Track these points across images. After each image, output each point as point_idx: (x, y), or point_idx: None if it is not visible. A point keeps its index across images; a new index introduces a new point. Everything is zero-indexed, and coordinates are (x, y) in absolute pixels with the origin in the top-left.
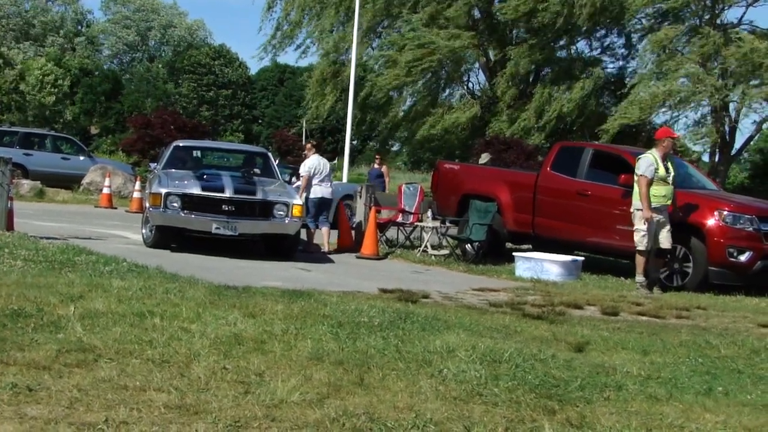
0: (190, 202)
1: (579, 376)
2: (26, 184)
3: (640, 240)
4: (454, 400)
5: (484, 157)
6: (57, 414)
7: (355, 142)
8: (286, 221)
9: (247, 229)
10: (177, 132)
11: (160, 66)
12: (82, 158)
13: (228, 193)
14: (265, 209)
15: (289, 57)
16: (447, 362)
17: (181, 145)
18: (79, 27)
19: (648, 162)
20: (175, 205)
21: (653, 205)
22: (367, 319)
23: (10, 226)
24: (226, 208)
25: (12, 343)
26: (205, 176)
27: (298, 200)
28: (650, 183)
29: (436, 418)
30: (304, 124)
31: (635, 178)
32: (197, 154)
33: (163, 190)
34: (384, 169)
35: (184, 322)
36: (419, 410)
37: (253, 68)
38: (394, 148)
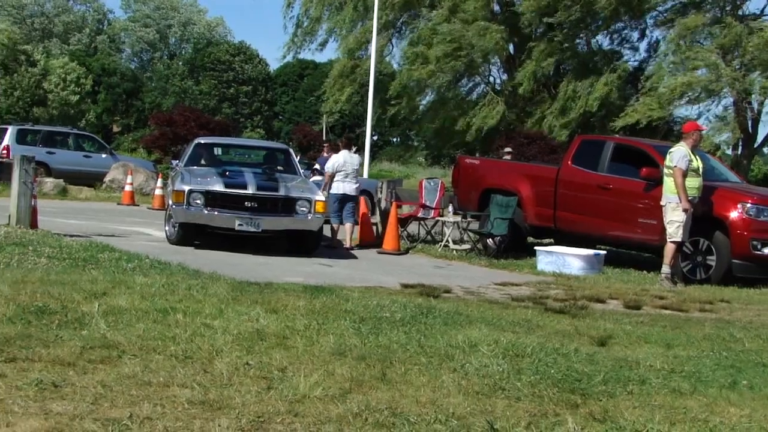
0: (213, 199)
1: (602, 370)
2: (49, 182)
3: (675, 231)
4: (476, 394)
5: (506, 152)
6: (82, 410)
7: (375, 138)
8: (309, 217)
9: (270, 225)
10: (198, 129)
11: (180, 63)
12: (104, 156)
13: (251, 190)
14: (287, 205)
15: (308, 53)
16: (469, 357)
17: (202, 142)
18: (100, 26)
19: (682, 153)
20: (198, 202)
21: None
22: (389, 314)
23: (33, 224)
24: (249, 205)
25: (37, 339)
26: (227, 173)
27: (321, 196)
28: (685, 174)
29: (458, 413)
30: (325, 120)
31: (666, 171)
32: (219, 150)
33: (186, 188)
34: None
35: (207, 318)
36: (442, 405)
37: (273, 65)
38: (413, 143)
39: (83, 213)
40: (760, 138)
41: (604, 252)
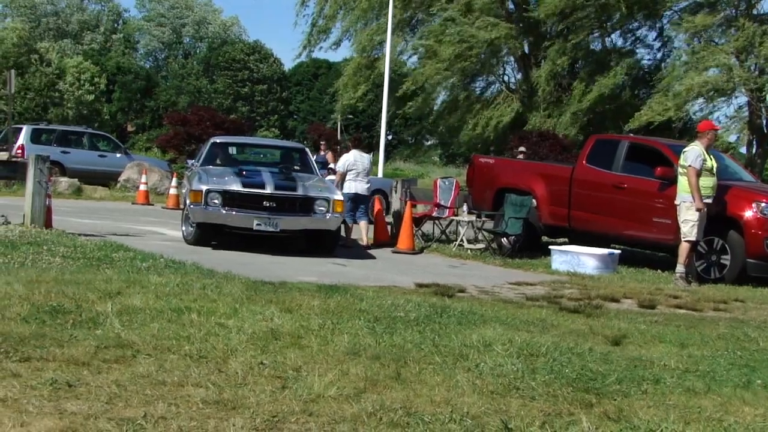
0: (231, 199)
1: (616, 369)
2: (64, 182)
3: (690, 231)
4: (491, 394)
5: (519, 151)
6: (96, 409)
7: (390, 137)
8: (327, 216)
9: (288, 225)
10: (214, 128)
11: (194, 63)
12: (118, 155)
13: (269, 189)
14: (306, 205)
15: (322, 51)
16: (484, 356)
17: (218, 141)
18: (115, 25)
19: (696, 153)
20: (216, 201)
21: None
22: (403, 313)
23: (48, 224)
24: (268, 204)
25: (51, 339)
26: (244, 172)
27: (339, 195)
28: (699, 174)
29: (473, 412)
30: (339, 119)
31: (681, 170)
32: (234, 150)
33: (204, 187)
34: (329, 156)
35: (221, 318)
36: (456, 404)
37: (288, 64)
38: (427, 142)
39: (98, 212)
40: None
41: (619, 251)
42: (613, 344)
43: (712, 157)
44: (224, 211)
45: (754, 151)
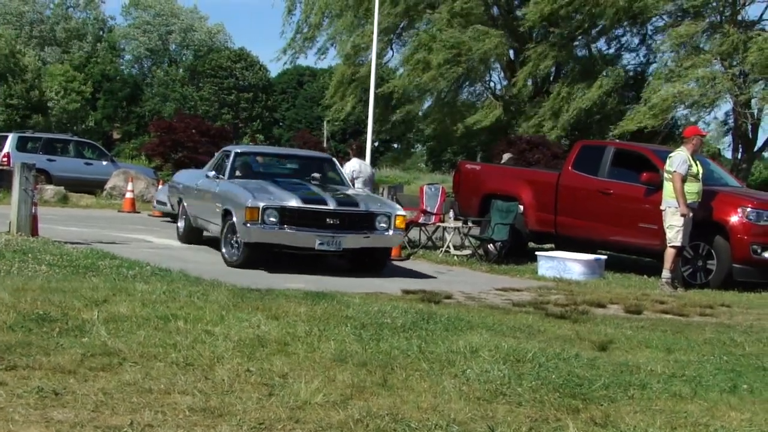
0: (289, 216)
1: (603, 374)
2: (50, 190)
3: (675, 236)
4: (477, 400)
5: (506, 157)
6: (83, 417)
7: (376, 144)
8: (390, 233)
9: (350, 243)
10: (200, 136)
11: (180, 70)
12: (104, 163)
13: (332, 206)
14: (367, 221)
15: (308, 59)
16: (470, 362)
17: (240, 151)
18: (101, 33)
19: (682, 159)
20: (273, 219)
21: (687, 201)
22: (390, 320)
23: (34, 232)
24: (331, 222)
25: (37, 347)
26: (295, 187)
27: (401, 210)
28: (684, 180)
29: (459, 419)
30: (326, 126)
31: (666, 175)
32: (260, 161)
33: (261, 204)
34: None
35: (208, 325)
36: (443, 410)
37: (273, 71)
38: (414, 148)
39: (84, 220)
40: (759, 142)
41: (605, 257)
42: (599, 350)
43: (697, 162)
44: (285, 230)
45: (739, 156)
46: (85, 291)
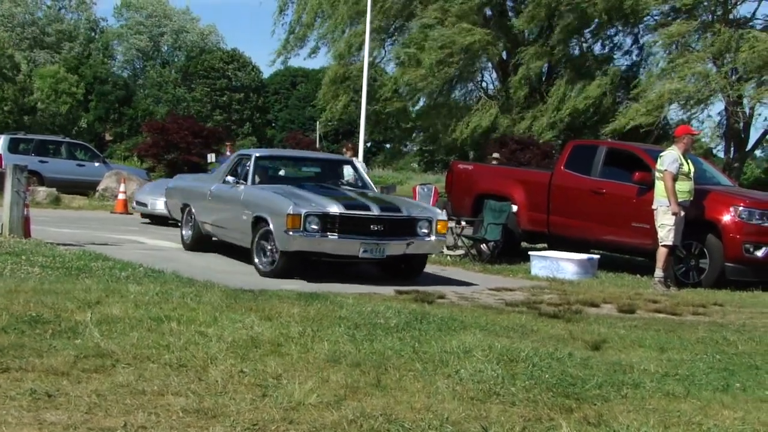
0: (331, 224)
1: (596, 374)
2: (42, 191)
3: (666, 235)
4: (471, 400)
5: (493, 158)
6: (76, 419)
7: (369, 144)
8: (432, 239)
9: (393, 250)
10: (192, 137)
11: (173, 71)
12: (96, 164)
13: (375, 211)
14: (409, 227)
15: (300, 59)
16: (464, 362)
17: (261, 155)
18: (93, 34)
19: (673, 157)
20: (315, 227)
21: (678, 200)
22: (383, 320)
23: (27, 233)
24: (375, 228)
25: (30, 349)
26: (335, 192)
27: (442, 215)
28: (675, 178)
29: (453, 419)
30: (318, 127)
31: (657, 174)
32: (280, 165)
33: (303, 211)
34: None
35: (201, 326)
36: (436, 411)
37: (266, 72)
38: (406, 148)
39: (76, 222)
40: (752, 141)
41: (598, 256)
42: (592, 349)
43: (689, 161)
44: (325, 238)
45: (731, 155)
46: (78, 293)
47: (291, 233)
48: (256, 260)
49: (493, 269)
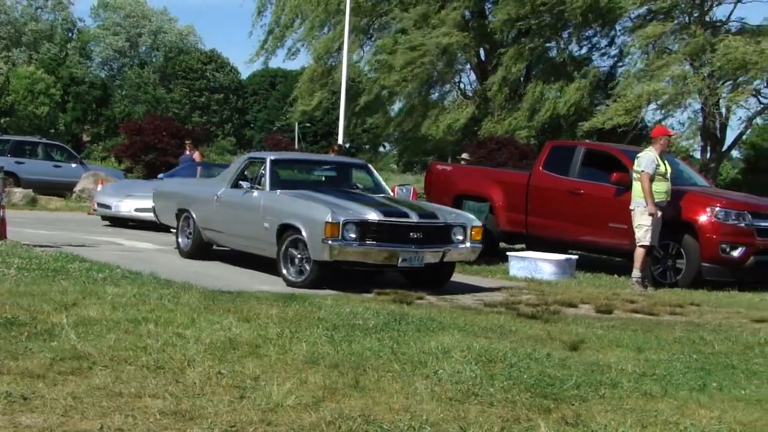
0: (369, 231)
1: (574, 374)
2: (18, 193)
3: (643, 235)
4: (449, 400)
5: (462, 158)
6: (52, 422)
7: (347, 146)
8: (467, 245)
9: (430, 258)
10: (170, 138)
11: (151, 72)
12: (74, 165)
13: (414, 219)
14: (445, 234)
15: (279, 60)
16: (442, 363)
17: (274, 158)
18: (70, 34)
19: (650, 158)
20: (353, 235)
21: (655, 200)
22: (361, 321)
23: (2, 235)
24: (414, 236)
25: (6, 352)
26: (365, 198)
27: (477, 221)
28: (652, 179)
29: (431, 419)
30: (296, 127)
31: (635, 175)
32: (295, 168)
33: (341, 218)
34: (197, 155)
35: (179, 328)
36: (415, 411)
37: (245, 73)
38: (385, 149)
39: (53, 223)
40: (728, 142)
41: (576, 257)
42: (570, 349)
43: (666, 162)
44: (364, 246)
45: (708, 155)
46: (55, 294)
47: (330, 242)
48: (284, 271)
49: (471, 270)
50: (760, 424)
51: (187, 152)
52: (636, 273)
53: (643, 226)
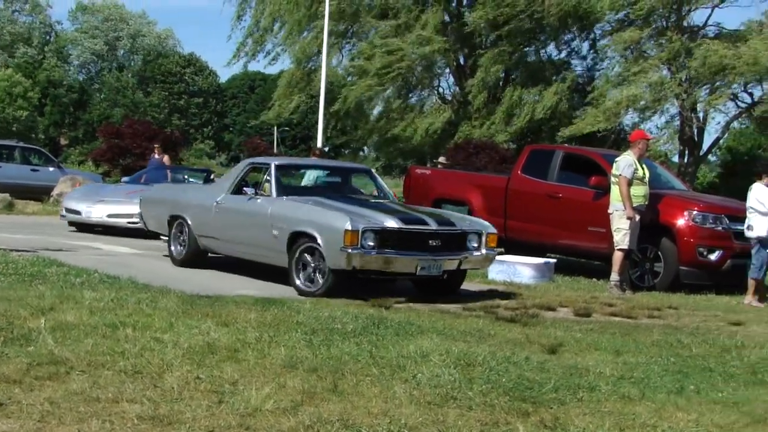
0: (388, 239)
1: (552, 377)
2: None
3: (622, 239)
4: (428, 404)
5: (439, 161)
6: (28, 428)
7: (327, 149)
8: (483, 252)
9: (448, 266)
10: (148, 142)
11: (129, 75)
12: (51, 169)
13: (433, 226)
14: (462, 241)
15: (259, 64)
16: (421, 367)
17: (278, 164)
18: (48, 38)
19: (628, 162)
20: (371, 243)
21: (633, 204)
22: (340, 325)
23: None
24: (433, 244)
25: None
26: (379, 205)
27: (492, 228)
28: (630, 183)
29: (410, 423)
30: (276, 131)
31: (613, 179)
32: (300, 174)
33: (361, 226)
34: (165, 158)
35: (157, 333)
36: (394, 415)
37: (224, 76)
38: (364, 153)
39: (30, 227)
40: (705, 146)
41: (555, 260)
42: (549, 353)
43: (644, 166)
44: (382, 255)
45: (685, 160)
46: (31, 299)
47: (349, 250)
48: (297, 281)
49: None
50: (737, 427)
51: (156, 155)
52: (614, 276)
53: (621, 230)
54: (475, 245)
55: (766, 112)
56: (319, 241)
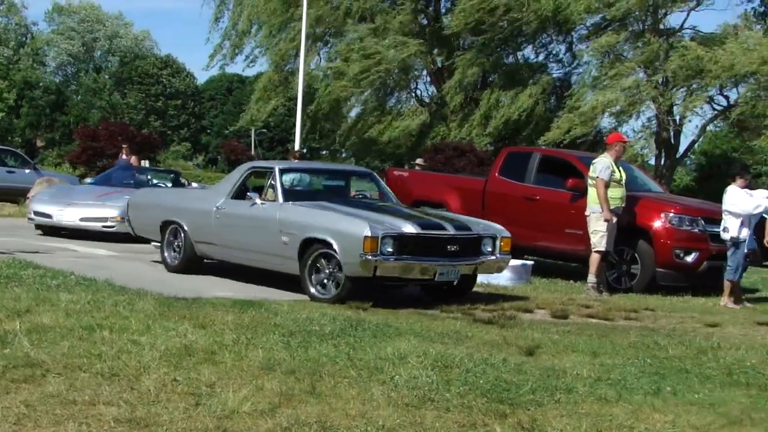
0: (406, 245)
1: (530, 379)
2: None
3: (599, 241)
4: (406, 406)
5: (417, 163)
6: (4, 430)
7: (305, 150)
8: (497, 257)
9: (465, 271)
10: (125, 144)
11: (106, 77)
12: (27, 171)
13: (451, 231)
14: (477, 246)
15: (237, 67)
16: (398, 369)
17: (282, 167)
18: (24, 39)
19: (605, 164)
20: (390, 249)
21: (610, 206)
22: (318, 327)
23: None
24: (451, 249)
25: None
26: (399, 210)
27: (506, 232)
28: (607, 185)
29: (388, 425)
30: (253, 134)
31: (590, 181)
32: (304, 178)
33: (380, 232)
34: (133, 159)
35: (134, 335)
36: (371, 417)
37: (201, 78)
38: (341, 155)
39: (6, 229)
40: (682, 149)
41: (532, 262)
42: (526, 354)
43: (621, 168)
44: (401, 261)
45: (662, 162)
46: (7, 301)
47: (368, 257)
48: (312, 289)
49: None
50: (714, 428)
51: (124, 156)
52: (591, 278)
53: (598, 232)
54: (490, 249)
55: (742, 114)
56: (335, 247)
